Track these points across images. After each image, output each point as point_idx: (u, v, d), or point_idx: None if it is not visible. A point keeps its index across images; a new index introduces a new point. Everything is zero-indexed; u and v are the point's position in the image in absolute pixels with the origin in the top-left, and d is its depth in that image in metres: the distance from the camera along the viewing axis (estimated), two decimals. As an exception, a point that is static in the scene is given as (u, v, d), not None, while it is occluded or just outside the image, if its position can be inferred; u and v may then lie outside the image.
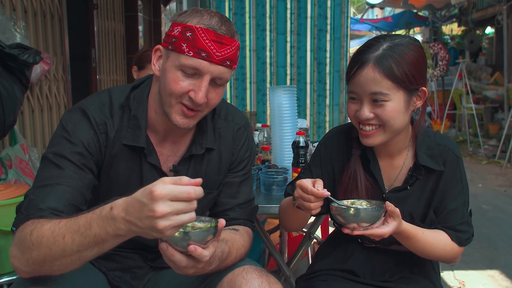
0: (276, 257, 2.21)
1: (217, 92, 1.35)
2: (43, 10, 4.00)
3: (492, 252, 3.95)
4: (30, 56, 2.85)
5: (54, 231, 1.08)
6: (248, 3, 3.96)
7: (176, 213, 0.95)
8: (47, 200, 1.20)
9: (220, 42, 1.27)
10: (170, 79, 1.29)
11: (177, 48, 1.27)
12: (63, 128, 1.32)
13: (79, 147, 1.30)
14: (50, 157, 1.28)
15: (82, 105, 1.38)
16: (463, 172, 1.51)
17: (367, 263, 1.59)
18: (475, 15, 12.40)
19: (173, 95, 1.30)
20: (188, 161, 1.47)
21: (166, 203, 0.94)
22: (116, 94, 1.42)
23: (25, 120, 3.76)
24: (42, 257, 1.10)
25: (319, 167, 1.61)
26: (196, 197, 0.97)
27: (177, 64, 1.28)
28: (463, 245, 1.49)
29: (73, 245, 1.06)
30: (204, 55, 1.26)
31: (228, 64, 1.30)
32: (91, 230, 1.04)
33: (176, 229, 0.98)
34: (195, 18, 1.28)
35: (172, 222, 0.94)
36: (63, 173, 1.25)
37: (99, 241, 1.04)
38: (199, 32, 1.26)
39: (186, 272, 1.16)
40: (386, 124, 1.39)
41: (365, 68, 1.36)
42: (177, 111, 1.33)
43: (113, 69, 5.79)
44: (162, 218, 0.94)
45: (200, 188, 0.98)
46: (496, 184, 6.47)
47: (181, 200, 0.95)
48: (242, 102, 4.06)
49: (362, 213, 1.29)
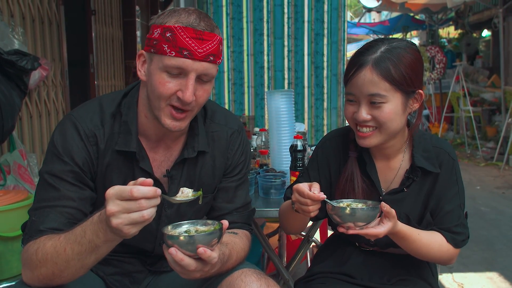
0: (275, 260, 2.21)
1: (205, 89, 1.34)
2: (41, 16, 4.02)
3: (491, 254, 3.96)
4: (28, 62, 2.86)
5: (56, 247, 1.16)
6: (245, 8, 3.98)
7: (126, 212, 1.03)
8: (47, 222, 1.25)
9: (201, 39, 1.27)
10: (156, 81, 1.29)
11: (159, 50, 1.27)
12: (54, 145, 1.33)
13: (70, 165, 1.31)
14: (46, 177, 1.31)
15: (72, 117, 1.38)
16: (459, 175, 1.52)
17: (364, 266, 1.59)
18: (471, 18, 12.46)
19: (162, 98, 1.30)
20: (181, 165, 1.47)
21: (114, 202, 1.03)
22: (107, 103, 1.42)
23: (23, 126, 3.77)
24: (50, 272, 1.17)
25: (317, 170, 1.62)
26: (142, 196, 1.02)
27: (161, 65, 1.28)
28: (458, 247, 1.50)
29: (73, 255, 1.14)
30: (186, 53, 1.26)
31: (211, 59, 1.30)
32: (85, 237, 1.12)
33: (134, 227, 1.05)
34: (173, 18, 1.28)
35: (123, 220, 1.03)
36: (60, 194, 1.28)
37: (94, 247, 1.12)
38: (178, 31, 1.26)
39: (193, 276, 1.18)
40: (383, 126, 1.40)
41: (363, 70, 1.37)
42: (166, 115, 1.33)
43: (111, 74, 5.80)
44: (112, 216, 1.03)
45: (152, 189, 1.04)
46: (494, 186, 6.48)
47: (125, 199, 1.03)
48: (240, 106, 4.08)
49: (358, 212, 1.30)
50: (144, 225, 1.06)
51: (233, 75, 4.07)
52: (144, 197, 1.03)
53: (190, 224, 1.25)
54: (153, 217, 1.06)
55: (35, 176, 3.34)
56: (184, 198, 1.22)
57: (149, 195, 1.03)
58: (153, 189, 1.04)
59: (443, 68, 10.21)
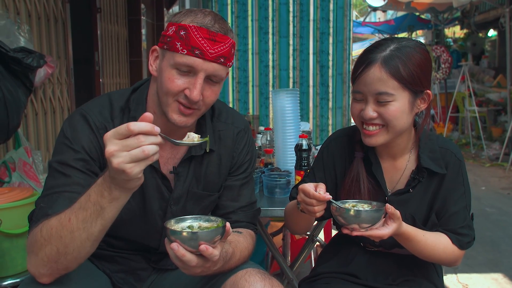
0: (279, 260, 2.21)
1: (213, 90, 1.36)
2: (47, 14, 4.03)
3: (496, 255, 3.94)
4: (34, 60, 2.86)
5: (61, 219, 1.14)
6: (250, 6, 3.98)
7: (126, 149, 1.01)
8: (55, 206, 1.23)
9: (213, 40, 1.28)
10: (165, 78, 1.31)
11: (172, 47, 1.29)
12: (64, 135, 1.34)
13: (81, 153, 1.31)
14: (55, 166, 1.30)
15: (82, 110, 1.39)
16: (465, 176, 1.51)
17: (369, 267, 1.59)
18: (477, 18, 12.39)
19: (169, 94, 1.32)
20: (188, 162, 1.48)
21: (112, 142, 1.02)
22: (116, 98, 1.43)
23: (28, 123, 3.78)
24: (55, 250, 1.14)
25: (322, 170, 1.62)
26: (139, 130, 1.01)
27: (172, 62, 1.30)
28: (464, 249, 1.49)
29: (78, 223, 1.11)
30: (198, 53, 1.27)
31: (222, 61, 1.31)
32: (90, 201, 1.10)
33: (137, 166, 1.02)
34: (189, 17, 1.30)
35: (123, 158, 1.00)
36: (69, 181, 1.28)
37: (99, 210, 1.10)
38: (192, 30, 1.27)
39: (194, 271, 1.18)
40: (389, 124, 1.39)
41: (372, 67, 1.37)
42: (174, 110, 1.34)
43: (116, 72, 5.81)
44: (112, 156, 1.01)
45: (149, 125, 1.02)
46: (500, 187, 6.46)
47: (123, 137, 1.01)
48: (245, 105, 4.08)
49: (362, 214, 1.30)
50: (147, 163, 1.03)
51: (237, 74, 4.07)
52: (142, 132, 1.01)
53: (193, 219, 1.25)
54: (157, 156, 1.04)
55: (40, 174, 3.35)
56: (190, 142, 1.19)
57: (146, 130, 1.01)
58: (151, 125, 1.03)
59: (448, 68, 10.17)
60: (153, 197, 1.45)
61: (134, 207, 1.43)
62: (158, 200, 1.46)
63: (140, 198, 1.43)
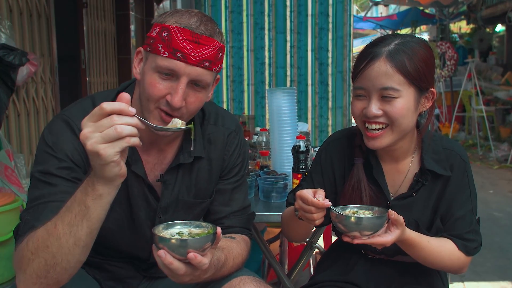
0: (276, 268, 2.21)
1: (197, 96, 1.34)
2: (29, 9, 4.02)
3: (505, 262, 3.96)
4: (16, 58, 2.86)
5: (47, 227, 1.14)
6: (245, 0, 3.99)
7: (99, 130, 1.02)
8: (41, 218, 1.21)
9: (197, 42, 1.27)
10: (147, 82, 1.30)
11: (154, 49, 1.28)
12: (45, 143, 1.32)
13: (65, 161, 1.30)
14: (38, 176, 1.29)
15: (63, 115, 1.37)
16: (470, 178, 1.52)
17: (371, 275, 1.59)
18: (484, 12, 12.46)
19: (151, 100, 1.30)
20: (176, 170, 1.47)
21: (87, 124, 1.04)
22: (100, 100, 1.41)
23: (10, 124, 3.77)
24: (43, 263, 1.13)
25: (320, 174, 1.62)
26: (112, 109, 1.02)
27: (154, 65, 1.29)
28: (470, 255, 1.50)
29: (64, 227, 1.11)
30: (180, 56, 1.26)
31: (206, 65, 1.29)
32: (75, 200, 1.11)
33: (111, 147, 1.02)
34: (173, 18, 1.29)
35: (96, 138, 1.02)
36: (55, 190, 1.27)
37: (84, 210, 1.10)
38: (174, 32, 1.26)
39: (182, 280, 1.18)
40: (394, 122, 1.39)
41: (377, 61, 1.37)
42: (155, 117, 1.32)
43: (104, 70, 5.80)
44: (86, 139, 1.02)
45: (124, 104, 1.03)
46: (509, 190, 6.48)
47: (98, 117, 1.03)
48: (240, 105, 4.08)
49: (364, 221, 1.29)
50: (123, 144, 1.03)
51: (232, 72, 4.07)
52: (115, 111, 1.02)
53: (183, 225, 1.24)
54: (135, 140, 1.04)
55: (22, 178, 3.34)
56: (173, 127, 1.19)
57: (119, 109, 1.02)
58: (125, 104, 1.03)
59: (454, 65, 10.20)
60: (139, 206, 1.45)
61: (122, 216, 1.43)
62: (145, 209, 1.46)
63: (127, 206, 1.43)
